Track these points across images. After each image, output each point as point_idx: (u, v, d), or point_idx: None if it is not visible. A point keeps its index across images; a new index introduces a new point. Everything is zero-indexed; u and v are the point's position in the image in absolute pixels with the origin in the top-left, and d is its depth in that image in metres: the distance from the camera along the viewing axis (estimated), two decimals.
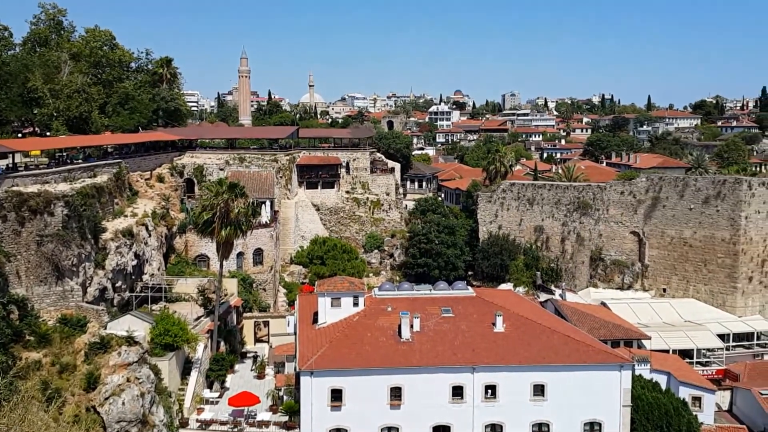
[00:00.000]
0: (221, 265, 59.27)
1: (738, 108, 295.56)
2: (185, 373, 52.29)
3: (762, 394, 52.45)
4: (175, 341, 50.02)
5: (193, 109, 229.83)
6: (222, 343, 59.51)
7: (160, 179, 75.69)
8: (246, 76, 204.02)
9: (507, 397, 44.03)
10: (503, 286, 77.30)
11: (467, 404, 43.93)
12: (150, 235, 62.91)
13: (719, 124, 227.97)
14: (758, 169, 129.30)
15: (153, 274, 62.44)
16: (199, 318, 58.70)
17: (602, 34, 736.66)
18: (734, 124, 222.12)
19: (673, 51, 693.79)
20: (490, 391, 44.13)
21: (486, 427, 44.25)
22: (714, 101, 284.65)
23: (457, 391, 44.03)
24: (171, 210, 73.82)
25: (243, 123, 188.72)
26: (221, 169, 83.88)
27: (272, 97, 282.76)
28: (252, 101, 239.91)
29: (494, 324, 46.85)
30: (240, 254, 73.22)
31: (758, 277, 77.62)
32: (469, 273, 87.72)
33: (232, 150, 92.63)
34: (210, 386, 54.43)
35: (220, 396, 52.89)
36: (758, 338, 71.39)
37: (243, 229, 56.76)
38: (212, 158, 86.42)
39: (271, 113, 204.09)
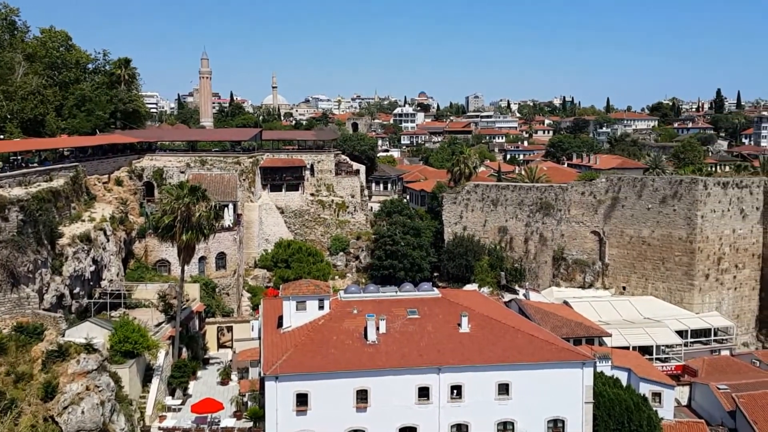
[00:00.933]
0: (182, 270, 58.32)
1: (693, 110, 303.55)
2: (146, 380, 51.28)
3: (719, 389, 53.71)
4: (136, 348, 49.00)
5: (152, 110, 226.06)
6: (184, 350, 58.60)
7: (119, 183, 74.15)
8: (207, 77, 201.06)
9: (472, 396, 44.27)
10: (468, 287, 77.80)
11: (433, 405, 44.05)
12: (108, 240, 61.60)
13: (675, 125, 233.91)
14: (713, 169, 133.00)
15: (112, 280, 61.18)
16: (160, 324, 57.70)
17: (563, 37, 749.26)
18: (690, 125, 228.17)
19: (631, 54, 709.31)
20: (455, 391, 44.32)
21: (452, 427, 44.43)
22: (670, 103, 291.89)
23: (423, 392, 44.12)
24: (130, 214, 72.45)
25: (204, 125, 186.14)
26: (182, 172, 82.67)
27: (234, 98, 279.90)
28: (213, 103, 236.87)
29: (460, 325, 47.08)
30: (202, 258, 72.22)
31: (714, 274, 79.78)
32: (435, 274, 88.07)
33: (194, 152, 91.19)
34: (172, 393, 53.54)
35: (183, 403, 52.05)
36: (715, 334, 73.43)
37: (205, 233, 55.88)
38: (173, 161, 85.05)
39: (234, 115, 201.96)
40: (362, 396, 43.63)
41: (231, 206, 79.50)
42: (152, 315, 57.60)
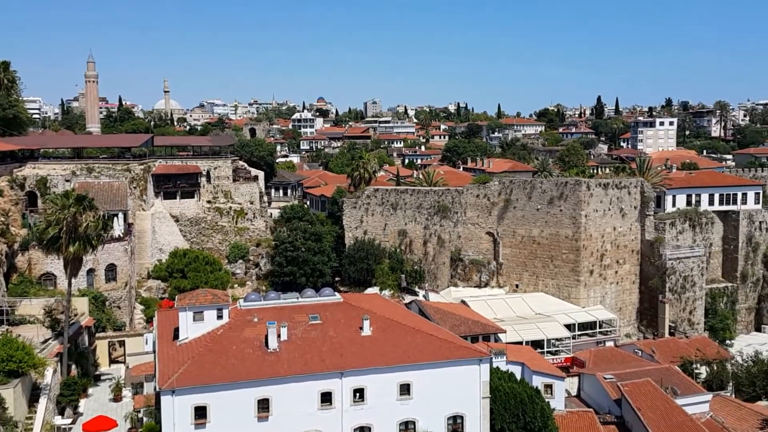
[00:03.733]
0: (70, 284, 55.37)
1: (576, 116, 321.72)
2: (33, 400, 48.27)
3: (605, 379, 57.08)
4: (21, 367, 45.97)
5: (34, 116, 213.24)
6: (73, 367, 55.75)
7: None
8: (93, 81, 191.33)
9: (375, 399, 44.72)
10: (370, 290, 78.56)
11: (336, 409, 44.13)
12: None
13: (561, 130, 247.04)
14: (595, 171, 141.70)
15: None
16: (46, 341, 54.69)
17: (456, 46, 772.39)
18: (573, 130, 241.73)
19: (519, 62, 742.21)
20: (358, 394, 44.59)
21: (355, 430, 44.67)
22: (555, 109, 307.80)
23: (326, 398, 44.11)
24: (11, 226, 67.95)
25: (91, 131, 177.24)
26: (67, 181, 78.51)
27: (123, 103, 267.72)
28: (101, 107, 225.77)
29: (361, 328, 47.45)
30: (90, 271, 68.83)
31: (598, 270, 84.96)
32: (336, 279, 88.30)
33: (80, 160, 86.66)
34: (61, 413, 50.73)
35: (74, 422, 49.50)
36: (600, 326, 78.17)
37: (93, 243, 53.66)
38: (57, 169, 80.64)
39: (123, 120, 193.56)
40: (264, 405, 43.04)
41: (121, 215, 76.30)
42: (38, 331, 54.67)
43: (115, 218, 73.98)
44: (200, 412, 41.85)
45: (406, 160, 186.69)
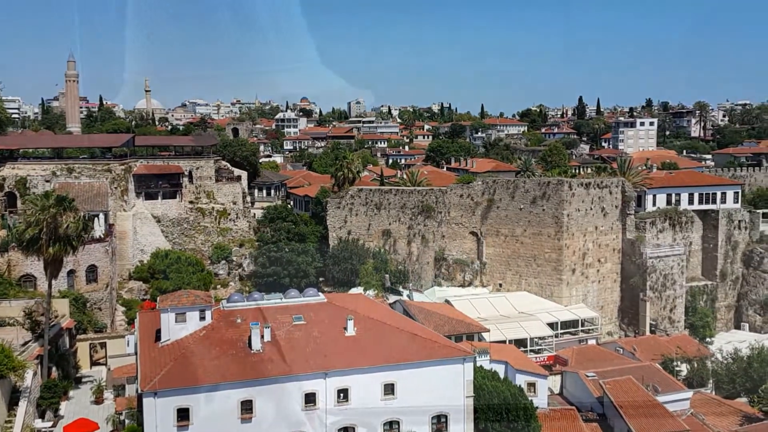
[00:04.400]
0: (50, 285, 54.76)
1: (559, 116, 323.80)
2: (13, 403, 47.63)
3: (588, 377, 57.55)
4: (0, 369, 45.42)
5: (14, 116, 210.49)
6: (54, 369, 55.13)
7: None
8: (74, 81, 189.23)
9: (359, 399, 44.69)
10: (354, 290, 78.45)
11: (320, 410, 44.04)
12: None
13: (543, 130, 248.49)
14: (577, 171, 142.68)
15: None
16: (26, 343, 54.13)
17: (439, 45, 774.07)
18: (556, 130, 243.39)
19: (502, 62, 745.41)
20: (342, 394, 44.54)
21: (339, 430, 44.65)
22: (538, 110, 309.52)
23: (310, 398, 44.01)
24: None
25: (72, 131, 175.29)
26: (47, 181, 77.73)
27: (104, 103, 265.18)
28: (81, 107, 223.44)
29: (345, 328, 47.39)
30: (71, 272, 68.10)
31: (580, 268, 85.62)
32: (320, 279, 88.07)
33: (60, 160, 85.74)
34: (42, 415, 50.15)
35: (54, 425, 48.99)
36: (582, 325, 78.80)
37: (74, 245, 53.09)
38: (37, 169, 79.78)
39: (104, 120, 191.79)
40: (247, 407, 42.83)
41: (102, 216, 75.62)
42: (17, 333, 54.03)
43: (96, 219, 73.31)
44: (183, 414, 41.58)
45: (390, 160, 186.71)
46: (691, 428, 50.54)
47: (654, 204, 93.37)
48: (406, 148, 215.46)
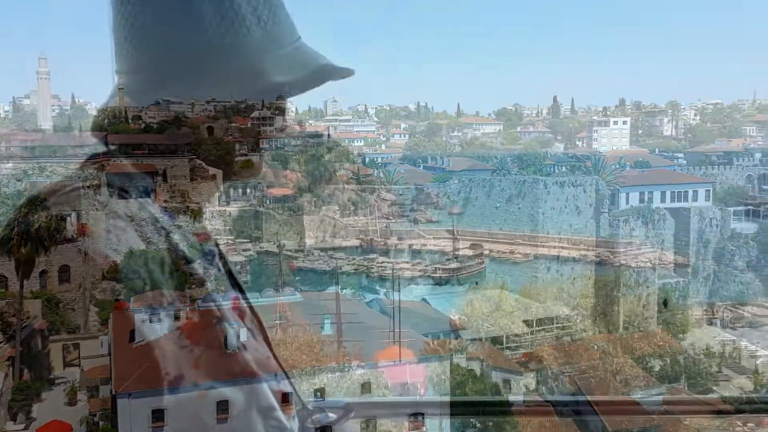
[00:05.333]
0: (21, 286, 54.12)
1: (534, 115, 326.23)
2: None
3: (563, 373, 58.10)
4: None
5: None
6: (26, 371, 54.32)
7: None
8: (46, 78, 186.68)
9: (336, 398, 44.72)
10: (330, 290, 78.40)
11: (297, 409, 44.01)
12: None
13: (518, 129, 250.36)
14: (552, 170, 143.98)
15: None
16: None
17: (414, 44, 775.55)
18: (531, 129, 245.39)
19: (478, 60, 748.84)
20: (319, 393, 44.56)
21: (317, 429, 44.62)
22: (513, 109, 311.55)
23: (285, 398, 43.93)
24: None
25: (43, 129, 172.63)
26: (19, 180, 76.47)
27: (76, 100, 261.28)
28: (53, 105, 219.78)
29: (322, 327, 47.45)
30: (43, 272, 66.95)
31: (555, 266, 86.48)
32: (297, 278, 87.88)
33: (31, 159, 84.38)
34: (14, 418, 49.42)
35: (27, 427, 48.29)
36: (557, 322, 79.48)
37: (46, 245, 52.54)
38: (8, 168, 78.33)
39: (76, 118, 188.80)
40: (223, 407, 42.57)
41: (74, 215, 74.49)
42: None
43: (69, 218, 72.27)
44: (158, 415, 41.19)
45: (367, 159, 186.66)
46: (664, 423, 51.39)
47: (627, 202, 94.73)
48: (383, 146, 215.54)
